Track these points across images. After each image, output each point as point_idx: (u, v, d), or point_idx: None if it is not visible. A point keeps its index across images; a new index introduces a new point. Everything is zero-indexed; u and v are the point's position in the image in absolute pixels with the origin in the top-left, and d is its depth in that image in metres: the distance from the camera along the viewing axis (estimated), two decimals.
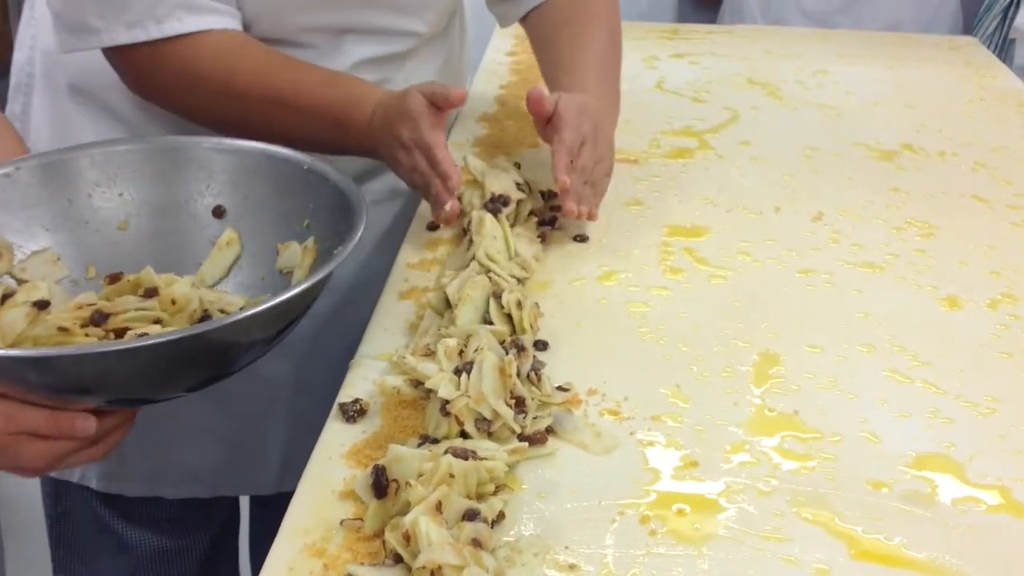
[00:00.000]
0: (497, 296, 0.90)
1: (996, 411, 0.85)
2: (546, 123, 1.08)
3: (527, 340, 0.87)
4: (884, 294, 1.02)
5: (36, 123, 1.18)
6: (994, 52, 1.94)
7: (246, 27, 1.06)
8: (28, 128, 1.19)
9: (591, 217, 1.07)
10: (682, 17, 2.37)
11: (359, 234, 0.85)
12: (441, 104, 1.00)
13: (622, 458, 0.78)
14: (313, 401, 1.10)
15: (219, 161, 0.99)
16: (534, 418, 0.80)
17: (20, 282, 0.90)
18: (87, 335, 0.84)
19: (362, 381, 0.86)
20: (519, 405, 0.80)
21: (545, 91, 1.08)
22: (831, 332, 0.95)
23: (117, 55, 1.03)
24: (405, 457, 0.70)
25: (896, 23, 2.15)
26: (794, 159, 1.34)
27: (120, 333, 0.85)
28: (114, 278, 0.94)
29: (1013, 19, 1.96)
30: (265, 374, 1.16)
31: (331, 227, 0.92)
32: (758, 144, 1.38)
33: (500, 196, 1.05)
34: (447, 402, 0.76)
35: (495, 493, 0.72)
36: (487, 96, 1.51)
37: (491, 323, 0.88)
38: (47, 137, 1.16)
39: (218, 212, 0.99)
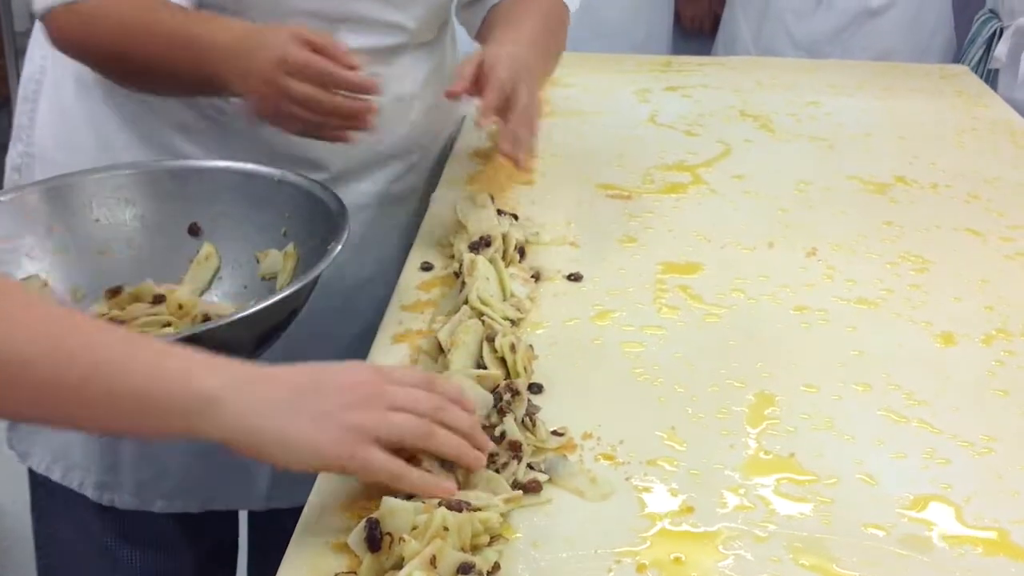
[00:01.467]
0: (490, 339, 0.90)
1: (992, 450, 0.85)
2: (475, 82, 1.10)
3: (521, 384, 0.87)
4: (879, 331, 1.02)
5: (40, 128, 1.22)
6: None
7: (239, 14, 1.07)
8: (33, 136, 1.23)
9: (526, 166, 1.11)
10: (677, 46, 2.38)
11: (344, 236, 0.92)
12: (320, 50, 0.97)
13: (618, 505, 0.78)
14: None
15: (190, 182, 1.05)
16: (528, 465, 0.80)
17: None
18: None
19: None
20: (514, 451, 0.79)
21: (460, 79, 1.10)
22: (826, 371, 0.95)
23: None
24: (399, 510, 0.69)
25: (887, 53, 2.16)
26: (787, 193, 1.34)
27: None
28: (114, 292, 0.99)
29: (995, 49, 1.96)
30: None
31: (310, 232, 0.99)
32: (751, 178, 1.38)
33: (482, 238, 1.06)
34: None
35: (490, 543, 0.72)
36: (480, 131, 1.51)
37: (485, 367, 0.88)
38: (52, 137, 1.21)
39: (193, 230, 1.04)
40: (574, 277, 1.10)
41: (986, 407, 0.91)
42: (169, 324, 0.96)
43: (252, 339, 0.91)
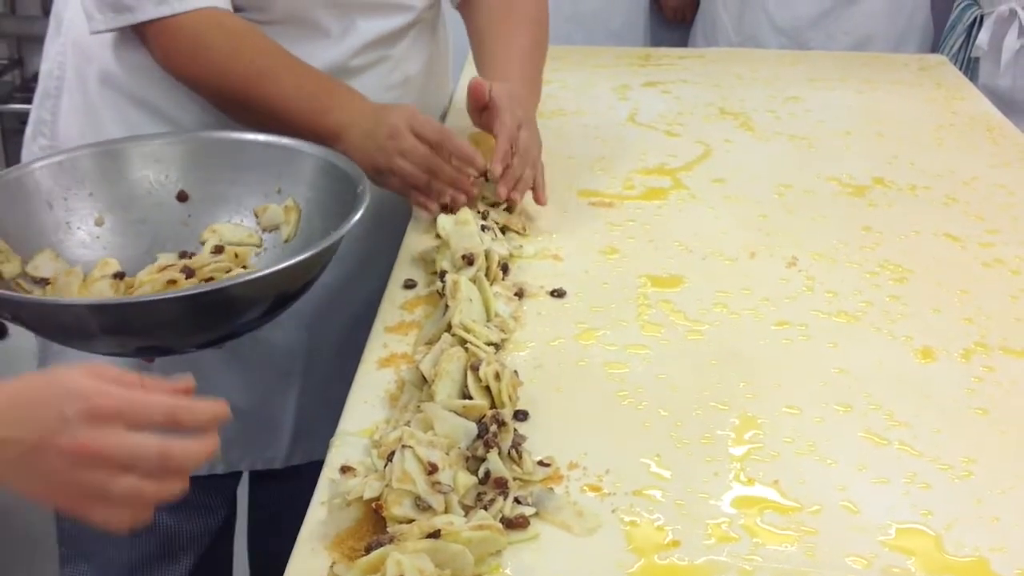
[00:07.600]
0: (475, 368, 0.90)
1: (972, 473, 0.86)
2: (481, 111, 1.22)
3: (507, 414, 0.87)
4: (859, 347, 1.03)
5: (64, 122, 1.28)
6: (959, 70, 1.95)
7: (263, 9, 1.18)
8: (57, 130, 1.29)
9: (539, 200, 1.22)
10: (654, 34, 2.37)
11: (365, 203, 0.99)
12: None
13: (604, 539, 0.79)
14: (324, 372, 1.28)
15: (172, 152, 1.13)
16: (516, 499, 0.80)
17: (36, 280, 1.02)
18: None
19: (343, 461, 0.86)
20: (500, 487, 0.80)
21: (485, 82, 1.21)
22: (808, 391, 0.96)
23: (144, 31, 1.15)
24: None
25: (867, 38, 2.17)
26: (767, 197, 1.34)
27: (208, 281, 1.02)
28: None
29: (976, 37, 1.97)
30: (278, 344, 1.29)
31: (308, 188, 1.09)
32: (732, 182, 1.38)
33: (465, 256, 1.06)
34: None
35: None
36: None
37: (470, 397, 0.89)
38: (76, 131, 1.26)
39: (182, 196, 1.12)
40: (557, 293, 1.11)
41: (965, 427, 0.92)
42: (230, 270, 1.05)
43: (268, 300, 0.96)
